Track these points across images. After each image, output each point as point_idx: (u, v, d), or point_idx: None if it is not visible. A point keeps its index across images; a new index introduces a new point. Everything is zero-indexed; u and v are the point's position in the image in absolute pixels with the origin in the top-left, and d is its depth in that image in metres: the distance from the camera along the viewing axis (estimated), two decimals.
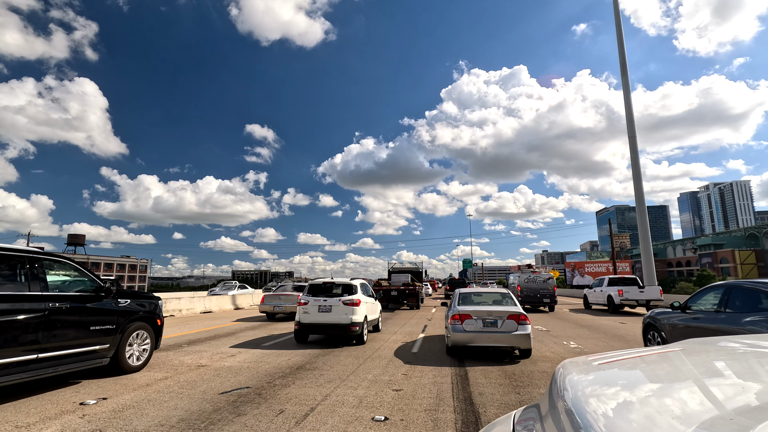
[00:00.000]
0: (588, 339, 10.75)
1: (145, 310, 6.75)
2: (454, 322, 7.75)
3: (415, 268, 27.59)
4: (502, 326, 7.55)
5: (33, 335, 4.82)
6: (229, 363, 7.40)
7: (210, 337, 10.85)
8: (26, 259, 5.05)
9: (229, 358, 7.91)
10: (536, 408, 1.30)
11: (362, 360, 7.73)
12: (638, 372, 1.30)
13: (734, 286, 6.28)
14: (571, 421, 0.94)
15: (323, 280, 10.46)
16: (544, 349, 9.05)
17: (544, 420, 1.14)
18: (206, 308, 20.06)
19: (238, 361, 7.61)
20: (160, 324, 7.08)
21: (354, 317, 9.44)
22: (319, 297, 9.77)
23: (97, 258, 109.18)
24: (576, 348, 9.33)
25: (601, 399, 1.02)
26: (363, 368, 6.98)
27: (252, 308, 22.69)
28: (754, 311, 5.63)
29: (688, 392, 1.03)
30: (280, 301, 15.38)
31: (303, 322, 9.63)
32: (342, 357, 8.05)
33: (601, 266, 55.82)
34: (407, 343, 9.90)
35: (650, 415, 0.87)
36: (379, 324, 12.27)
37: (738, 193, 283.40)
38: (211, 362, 7.47)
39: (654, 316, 8.01)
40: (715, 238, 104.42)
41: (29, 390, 5.41)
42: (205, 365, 7.21)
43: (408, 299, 21.71)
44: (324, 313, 9.53)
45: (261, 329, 12.76)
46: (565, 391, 1.10)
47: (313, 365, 7.21)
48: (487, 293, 9.29)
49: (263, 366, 7.14)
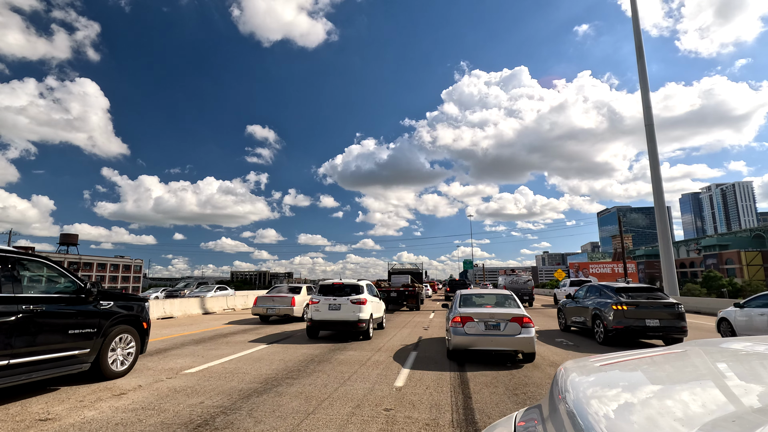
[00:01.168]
0: (540, 320, 16.16)
1: (130, 312, 6.42)
2: (455, 324, 7.50)
3: (415, 269, 27.43)
4: (505, 329, 7.31)
5: (4, 339, 4.49)
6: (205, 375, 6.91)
7: (191, 342, 10.56)
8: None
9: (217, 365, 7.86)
10: (538, 409, 1.30)
11: (372, 352, 8.41)
12: (640, 373, 1.30)
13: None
14: (572, 423, 0.93)
15: (333, 281, 11.25)
16: None
17: (546, 422, 1.13)
18: (166, 313, 17.26)
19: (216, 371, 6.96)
20: (146, 327, 6.74)
21: (361, 315, 10.37)
22: (329, 296, 10.69)
23: (90, 258, 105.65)
24: None
25: (603, 400, 1.02)
26: (371, 361, 7.50)
27: (225, 313, 20.54)
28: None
29: (691, 394, 1.03)
30: (273, 303, 14.99)
31: (315, 319, 10.59)
32: (352, 348, 8.80)
33: (606, 267, 55.10)
34: (407, 345, 9.90)
35: (652, 417, 0.87)
36: (383, 322, 13.17)
37: (740, 194, 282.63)
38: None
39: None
40: (720, 239, 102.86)
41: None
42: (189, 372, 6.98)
43: (408, 300, 21.56)
44: (334, 311, 10.49)
45: (245, 334, 12.58)
46: (566, 392, 1.10)
47: (290, 380, 7.19)
48: (490, 295, 8.99)
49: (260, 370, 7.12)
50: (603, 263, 57.75)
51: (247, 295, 25.76)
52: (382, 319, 12.87)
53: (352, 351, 8.81)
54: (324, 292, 10.90)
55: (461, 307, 8.07)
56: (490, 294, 9.05)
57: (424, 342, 10.19)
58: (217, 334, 11.53)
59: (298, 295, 15.24)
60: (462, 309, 7.82)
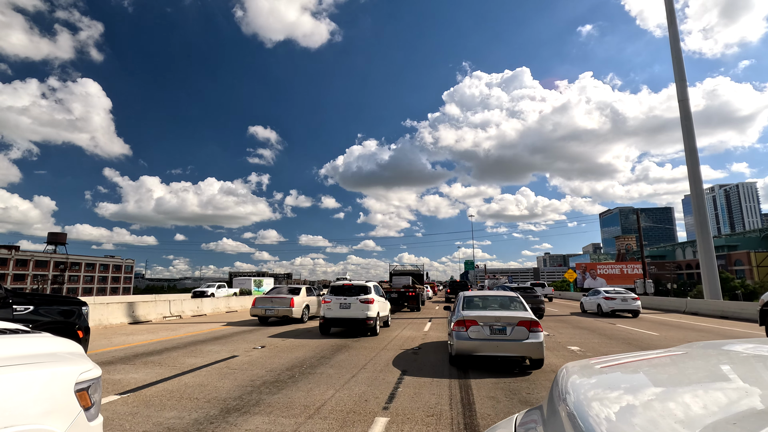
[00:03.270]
0: None
1: (58, 319, 5.47)
2: (458, 328, 7.12)
3: (416, 270, 27.63)
4: (511, 334, 6.93)
5: None
6: None
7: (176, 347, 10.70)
8: None
9: None
10: (538, 411, 1.30)
11: (383, 345, 9.14)
12: (641, 375, 1.29)
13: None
14: (573, 425, 0.93)
15: (343, 282, 12.29)
16: None
17: (546, 423, 1.13)
18: (135, 318, 15.85)
19: None
20: (82, 336, 5.87)
21: (369, 313, 11.42)
22: (340, 296, 11.69)
23: (78, 258, 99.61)
24: None
25: (604, 402, 1.02)
26: (385, 350, 8.35)
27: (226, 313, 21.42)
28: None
29: (692, 396, 1.02)
30: (272, 303, 14.81)
31: (327, 316, 11.68)
32: (365, 341, 9.93)
33: (614, 268, 54.14)
34: (412, 346, 9.95)
35: (653, 419, 0.87)
36: (389, 320, 14.29)
37: (744, 194, 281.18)
38: None
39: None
40: (728, 239, 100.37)
41: None
42: None
43: (409, 302, 21.98)
44: (344, 309, 11.54)
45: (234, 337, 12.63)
46: (567, 394, 1.10)
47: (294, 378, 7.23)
48: (495, 297, 8.58)
49: None
50: (611, 264, 56.75)
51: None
52: (387, 317, 13.89)
53: (366, 342, 10.24)
54: (335, 292, 11.88)
55: (464, 310, 7.71)
56: (495, 296, 8.65)
57: (427, 338, 10.61)
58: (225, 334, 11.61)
59: (297, 296, 15.14)
60: (465, 312, 7.47)
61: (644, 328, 14.63)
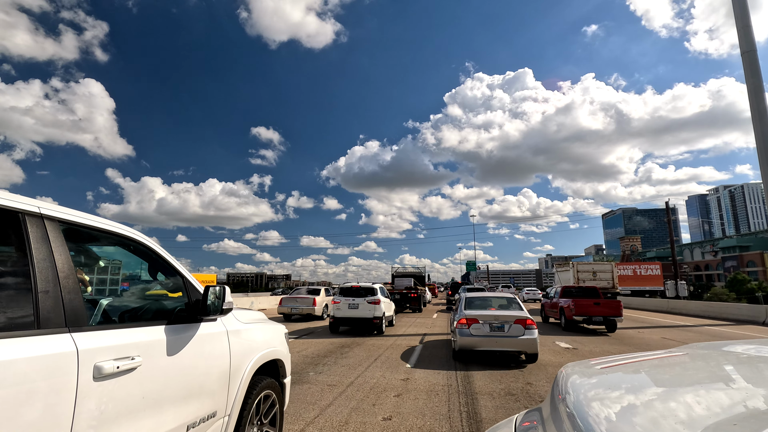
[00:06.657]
0: None
1: None
2: (461, 326, 7.82)
3: (418, 272, 28.04)
4: (509, 330, 7.65)
5: None
6: None
7: None
8: None
9: None
10: (538, 411, 1.29)
11: (390, 343, 10.15)
12: (642, 376, 1.29)
13: None
14: (573, 425, 0.93)
15: (351, 284, 13.15)
16: None
17: (546, 424, 1.13)
18: None
19: None
20: None
21: (376, 312, 12.22)
22: (348, 297, 12.51)
23: None
24: None
25: (604, 403, 1.01)
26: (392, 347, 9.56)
27: None
28: None
29: (693, 396, 1.02)
30: (296, 303, 17.02)
31: (336, 316, 12.46)
32: (375, 338, 11.02)
33: (626, 269, 52.46)
34: (413, 346, 10.09)
35: (654, 419, 0.86)
36: (393, 320, 15.16)
37: (749, 195, 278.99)
38: None
39: None
40: (740, 239, 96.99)
41: None
42: None
43: (410, 303, 22.61)
44: (352, 309, 12.31)
45: None
46: (567, 394, 1.09)
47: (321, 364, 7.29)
48: (494, 297, 9.43)
49: None
50: (622, 265, 55.04)
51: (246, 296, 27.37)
52: (392, 317, 14.77)
53: (374, 340, 10.94)
54: (344, 293, 12.79)
55: (467, 309, 8.42)
56: (495, 297, 9.44)
57: (429, 335, 11.36)
58: None
59: (318, 296, 17.41)
60: (467, 311, 8.17)
61: None
